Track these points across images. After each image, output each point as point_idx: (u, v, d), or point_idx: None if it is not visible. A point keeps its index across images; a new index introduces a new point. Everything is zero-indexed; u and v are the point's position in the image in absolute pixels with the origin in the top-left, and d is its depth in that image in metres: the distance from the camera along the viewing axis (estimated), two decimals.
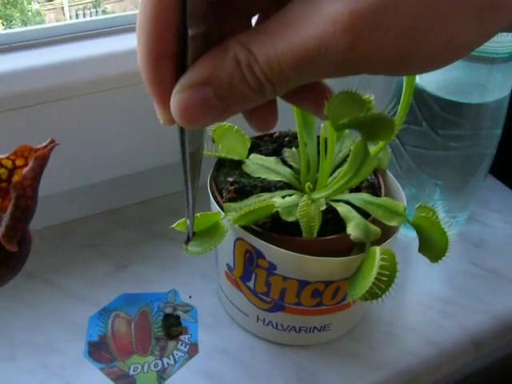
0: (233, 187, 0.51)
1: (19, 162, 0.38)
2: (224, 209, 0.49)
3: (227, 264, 0.54)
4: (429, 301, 0.62)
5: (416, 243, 0.48)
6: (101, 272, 0.62)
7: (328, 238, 0.48)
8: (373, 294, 0.44)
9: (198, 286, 0.61)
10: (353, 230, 0.47)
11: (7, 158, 0.38)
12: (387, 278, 0.44)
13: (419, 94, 0.60)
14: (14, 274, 0.39)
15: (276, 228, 0.49)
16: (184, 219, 0.48)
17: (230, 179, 0.52)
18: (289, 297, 0.51)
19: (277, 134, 0.59)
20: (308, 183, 0.52)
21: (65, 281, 0.61)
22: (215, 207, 0.51)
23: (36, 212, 0.37)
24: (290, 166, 0.55)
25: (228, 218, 0.48)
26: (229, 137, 0.54)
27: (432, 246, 0.49)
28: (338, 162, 0.56)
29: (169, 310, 0.58)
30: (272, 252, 0.48)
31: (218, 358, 0.55)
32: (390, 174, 0.57)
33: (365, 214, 0.49)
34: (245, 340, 0.56)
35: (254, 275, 0.51)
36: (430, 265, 0.50)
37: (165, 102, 0.28)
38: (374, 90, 0.55)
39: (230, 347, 0.56)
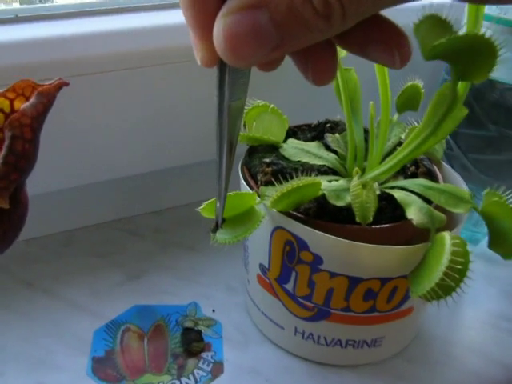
0: (270, 169, 0.43)
1: (18, 104, 0.31)
2: (260, 193, 0.41)
3: (260, 265, 0.46)
4: (488, 318, 0.53)
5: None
6: (109, 282, 0.54)
7: (384, 226, 0.40)
8: (445, 288, 0.36)
9: (222, 299, 0.53)
10: (415, 215, 0.39)
11: (4, 95, 0.30)
12: (461, 267, 0.36)
13: (490, 87, 0.53)
14: (3, 246, 0.31)
15: (321, 215, 0.41)
16: (213, 200, 0.40)
17: (267, 160, 0.44)
18: (336, 300, 0.43)
19: (315, 122, 0.52)
20: (356, 168, 0.45)
21: (67, 291, 0.53)
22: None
23: (37, 217, 0.29)
24: (334, 152, 0.47)
25: (265, 202, 0.41)
26: (263, 118, 0.48)
27: (505, 239, 0.41)
28: (386, 150, 0.48)
29: (189, 324, 0.50)
30: (318, 241, 0.40)
31: (246, 380, 0.46)
32: (446, 165, 0.50)
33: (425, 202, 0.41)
34: (279, 359, 0.48)
35: (293, 274, 0.43)
36: (487, 276, 0.41)
37: (206, 31, 0.23)
38: (422, 78, 0.50)
39: (261, 367, 0.47)
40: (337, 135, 0.49)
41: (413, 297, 0.38)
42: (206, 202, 0.40)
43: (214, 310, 0.52)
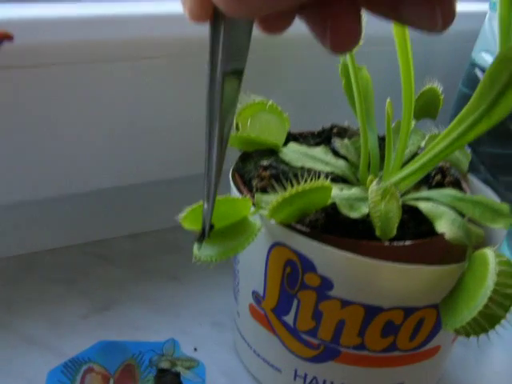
0: (268, 173, 0.36)
1: None
2: (255, 200, 0.34)
3: (254, 292, 0.37)
4: None
5: None
6: (71, 313, 0.45)
7: (409, 243, 0.33)
8: (489, 318, 0.28)
9: (205, 336, 0.44)
10: (447, 228, 0.32)
11: None
12: (510, 291, 0.28)
13: None
14: None
15: (331, 228, 0.33)
16: (197, 205, 0.32)
17: (265, 162, 0.36)
18: (347, 336, 0.34)
19: (320, 129, 0.44)
20: (371, 176, 0.37)
21: (21, 322, 0.44)
22: None
23: None
24: (344, 159, 0.40)
25: (262, 211, 0.33)
26: (260, 117, 0.40)
27: None
28: (405, 160, 0.41)
29: (165, 365, 0.41)
30: (328, 259, 0.32)
31: None
32: (472, 178, 0.42)
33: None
34: None
35: (295, 303, 0.35)
36: None
37: None
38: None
39: None
40: (346, 140, 0.42)
41: (447, 330, 0.30)
42: (189, 208, 0.32)
43: (195, 349, 0.43)
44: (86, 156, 0.47)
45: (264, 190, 0.35)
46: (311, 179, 0.31)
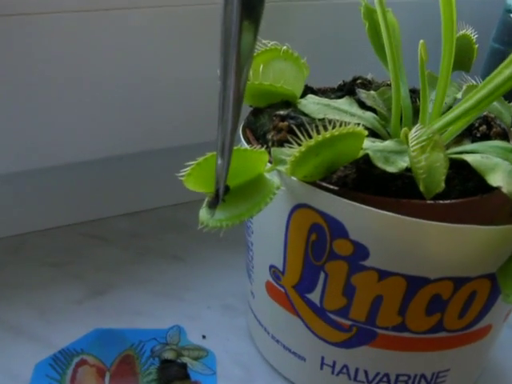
0: (286, 123, 0.30)
1: None
2: (272, 155, 0.28)
3: (271, 267, 0.32)
4: None
5: None
6: (64, 299, 0.40)
7: (457, 201, 0.27)
8: None
9: (215, 321, 0.39)
10: (504, 181, 0.26)
11: None
12: None
13: None
14: None
15: (363, 185, 0.27)
16: (204, 158, 0.26)
17: (281, 112, 0.31)
18: (386, 314, 0.29)
19: (341, 82, 0.39)
20: (405, 129, 0.31)
21: (7, 309, 0.39)
22: None
23: None
24: (371, 110, 0.34)
25: (280, 167, 0.27)
26: (273, 66, 0.34)
27: None
28: (441, 112, 0.35)
29: (169, 355, 0.35)
30: (363, 221, 0.26)
31: None
32: None
33: None
34: None
35: (322, 278, 0.29)
36: None
37: None
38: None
39: None
40: (372, 92, 0.36)
41: (508, 303, 0.24)
42: (193, 163, 0.26)
43: (204, 336, 0.38)
44: (77, 121, 0.42)
45: (281, 145, 0.29)
46: (340, 126, 0.25)
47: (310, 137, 0.25)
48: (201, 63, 0.44)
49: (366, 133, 0.27)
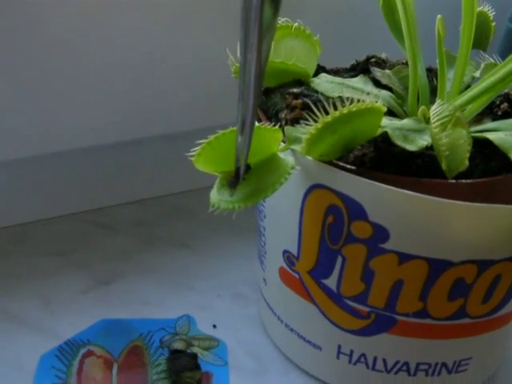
0: (299, 101, 0.29)
1: None
2: (286, 134, 0.27)
3: (285, 252, 0.31)
4: None
5: None
6: (69, 288, 0.39)
7: (480, 180, 0.26)
8: None
9: (226, 310, 0.38)
10: None
11: None
12: None
13: None
14: None
15: (382, 165, 0.26)
16: (215, 136, 0.25)
17: (295, 90, 0.29)
18: (406, 300, 0.28)
19: (354, 61, 0.37)
20: (423, 107, 0.30)
21: (11, 300, 0.38)
22: None
23: None
24: (386, 89, 0.33)
25: (295, 146, 0.26)
26: (285, 43, 0.33)
27: None
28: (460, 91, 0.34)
29: (179, 346, 0.34)
30: (383, 201, 0.25)
31: None
32: None
33: None
34: None
35: (339, 262, 0.28)
36: None
37: None
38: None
39: None
40: (387, 71, 0.34)
41: None
42: (204, 141, 0.25)
43: (214, 326, 0.37)
44: (81, 106, 0.41)
45: (294, 124, 0.28)
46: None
47: (327, 113, 0.24)
48: (204, 47, 0.42)
49: (385, 109, 0.25)
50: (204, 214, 0.47)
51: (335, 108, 0.24)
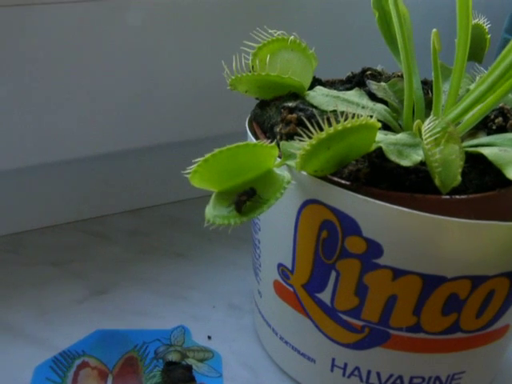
0: (294, 115, 0.29)
1: None
2: (281, 149, 0.27)
3: (280, 266, 0.31)
4: None
5: None
6: (64, 298, 0.39)
7: (474, 196, 0.26)
8: None
9: (221, 320, 0.38)
10: None
11: None
12: None
13: None
14: None
15: (375, 181, 0.26)
16: (212, 154, 0.25)
17: (290, 104, 0.30)
18: (400, 314, 0.28)
19: (349, 73, 0.37)
20: (418, 121, 0.30)
21: (5, 310, 0.37)
22: None
23: None
24: (381, 102, 0.33)
25: (289, 162, 0.26)
26: (281, 56, 0.33)
27: None
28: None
29: (174, 357, 0.34)
30: (376, 218, 0.25)
31: None
32: None
33: None
34: None
35: (333, 276, 0.28)
36: None
37: None
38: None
39: None
40: (383, 83, 0.35)
41: None
42: (200, 159, 0.25)
43: (209, 337, 0.37)
44: (77, 117, 0.41)
45: (289, 138, 0.28)
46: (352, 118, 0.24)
47: (321, 129, 0.24)
48: (202, 58, 0.42)
49: (380, 125, 0.25)
50: (200, 224, 0.47)
51: (330, 124, 0.24)
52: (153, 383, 0.33)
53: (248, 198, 0.25)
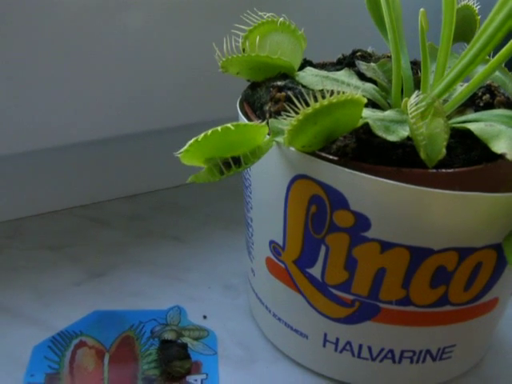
0: (283, 94, 0.29)
1: None
2: (270, 126, 0.27)
3: (271, 242, 0.31)
4: None
5: None
6: (62, 281, 0.39)
7: (459, 170, 0.26)
8: None
9: (216, 301, 0.38)
10: (508, 148, 0.25)
11: None
12: None
13: None
14: None
15: (364, 155, 0.27)
16: (204, 135, 0.26)
17: (279, 83, 0.30)
18: (389, 288, 0.28)
19: (340, 55, 0.38)
20: (406, 99, 0.30)
21: (5, 292, 0.38)
22: None
23: None
24: (371, 82, 0.33)
25: (278, 138, 0.27)
26: (271, 38, 0.34)
27: None
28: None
29: (169, 336, 0.35)
30: (364, 191, 0.26)
31: None
32: None
33: None
34: (300, 382, 0.32)
35: (323, 251, 0.28)
36: None
37: None
38: None
39: None
40: (372, 64, 0.35)
41: None
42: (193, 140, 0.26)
43: (205, 317, 0.37)
44: (74, 101, 0.41)
45: (279, 115, 0.29)
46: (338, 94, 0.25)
47: (308, 105, 0.25)
48: (195, 43, 0.43)
49: (365, 100, 0.26)
50: (195, 208, 0.48)
51: (316, 100, 0.25)
52: (149, 361, 0.33)
53: (232, 163, 0.25)
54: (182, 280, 0.40)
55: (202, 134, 0.26)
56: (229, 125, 0.26)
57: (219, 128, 0.25)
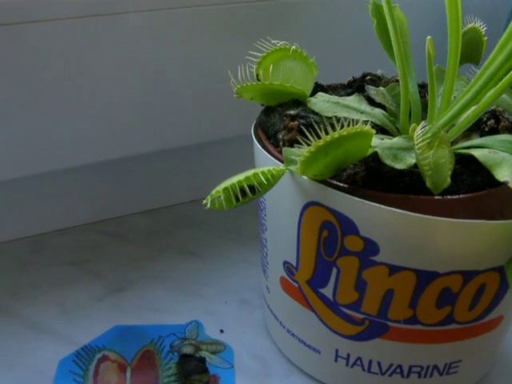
0: (296, 123, 0.31)
1: None
2: (283, 155, 0.29)
3: (285, 263, 0.33)
4: None
5: None
6: (84, 296, 0.41)
7: (465, 196, 0.28)
8: None
9: (233, 315, 0.40)
10: (510, 176, 0.27)
11: None
12: None
13: None
14: None
15: (373, 183, 0.28)
16: (236, 181, 0.27)
17: (292, 112, 0.31)
18: (397, 308, 0.30)
19: (350, 78, 0.39)
20: (414, 125, 0.32)
21: (28, 308, 0.40)
22: (264, 161, 0.31)
23: None
24: (380, 106, 0.35)
25: (291, 167, 0.28)
26: (283, 65, 0.35)
27: None
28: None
29: (188, 350, 0.37)
30: (373, 218, 0.27)
31: None
32: None
33: None
34: None
35: (334, 273, 0.30)
36: None
37: None
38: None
39: None
40: (381, 88, 0.36)
41: None
42: (219, 188, 0.27)
43: (222, 331, 0.39)
44: (94, 123, 0.43)
45: (292, 144, 0.30)
46: (348, 125, 0.26)
47: (319, 137, 0.26)
48: (210, 62, 0.44)
49: (374, 132, 0.27)
50: (212, 223, 0.49)
51: (327, 132, 0.26)
52: (169, 374, 0.35)
53: (248, 190, 0.27)
54: (200, 295, 0.42)
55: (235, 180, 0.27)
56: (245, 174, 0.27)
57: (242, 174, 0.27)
